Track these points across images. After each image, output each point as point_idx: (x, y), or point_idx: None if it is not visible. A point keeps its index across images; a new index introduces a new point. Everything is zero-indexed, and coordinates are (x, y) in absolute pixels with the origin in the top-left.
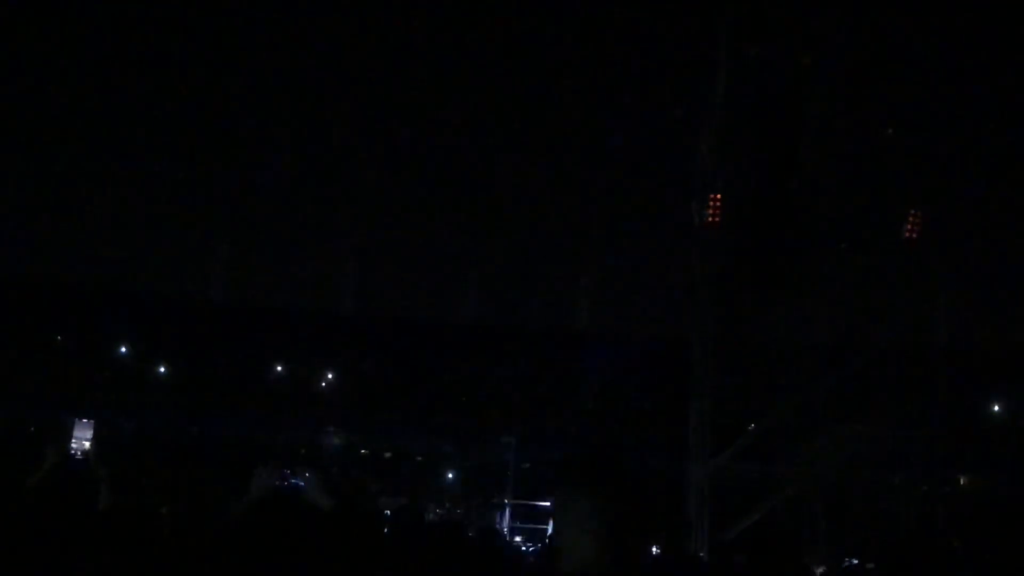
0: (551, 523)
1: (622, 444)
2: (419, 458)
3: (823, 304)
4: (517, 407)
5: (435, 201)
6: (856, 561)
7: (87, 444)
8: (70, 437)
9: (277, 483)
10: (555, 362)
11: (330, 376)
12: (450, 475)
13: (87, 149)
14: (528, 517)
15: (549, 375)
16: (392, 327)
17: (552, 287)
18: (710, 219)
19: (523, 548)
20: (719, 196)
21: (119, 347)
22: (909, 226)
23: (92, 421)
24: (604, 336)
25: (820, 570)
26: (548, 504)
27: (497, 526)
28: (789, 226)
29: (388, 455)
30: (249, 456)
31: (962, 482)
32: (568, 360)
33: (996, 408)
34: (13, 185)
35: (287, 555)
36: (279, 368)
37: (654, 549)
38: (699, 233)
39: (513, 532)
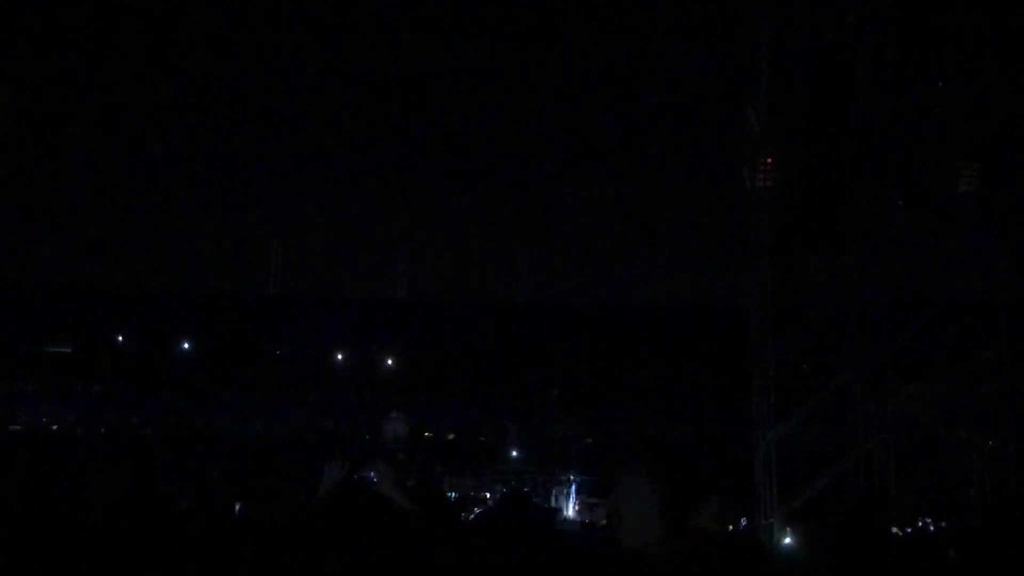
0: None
1: (683, 419)
2: (482, 438)
3: (883, 262)
4: (576, 383)
5: (482, 182)
6: (930, 520)
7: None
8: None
9: (347, 478)
10: (610, 335)
11: (390, 362)
12: (514, 453)
13: (142, 156)
14: (594, 492)
15: (606, 348)
16: (448, 310)
17: (604, 261)
18: (762, 183)
19: (591, 524)
20: (770, 160)
21: (181, 344)
22: (965, 179)
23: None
24: (660, 307)
25: (894, 531)
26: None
27: (563, 503)
28: (843, 185)
29: (451, 437)
30: (316, 445)
31: None
32: (624, 333)
33: None
34: (74, 194)
35: (365, 549)
36: (339, 357)
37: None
38: (752, 197)
39: (583, 509)
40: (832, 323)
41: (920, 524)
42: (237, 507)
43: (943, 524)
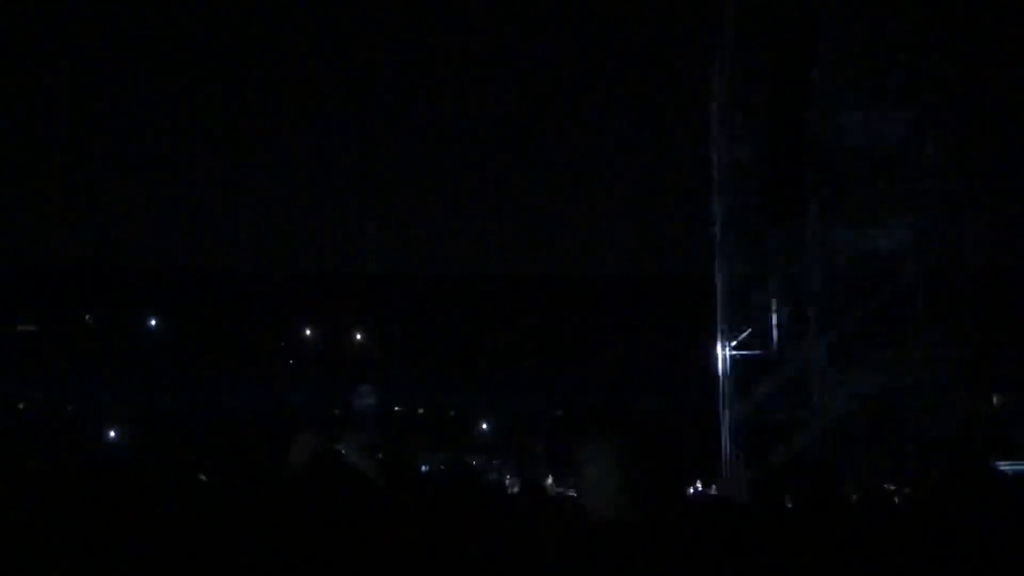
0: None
1: (652, 390)
2: (452, 412)
3: (850, 231)
4: (546, 355)
5: (449, 156)
6: (894, 487)
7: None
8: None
9: (318, 448)
10: (580, 308)
11: (359, 336)
12: (484, 426)
13: (110, 132)
14: (565, 464)
15: (575, 321)
16: (417, 283)
17: (573, 233)
18: (728, 152)
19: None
20: (736, 129)
21: (148, 321)
22: (932, 148)
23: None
24: (628, 279)
25: (855, 497)
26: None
27: (535, 476)
28: (810, 156)
29: (421, 411)
30: (285, 421)
31: (995, 401)
32: (593, 305)
33: None
34: (46, 174)
35: (334, 518)
36: (308, 332)
37: (699, 486)
38: (718, 167)
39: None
40: (800, 292)
41: (885, 490)
42: (203, 477)
43: (907, 491)
